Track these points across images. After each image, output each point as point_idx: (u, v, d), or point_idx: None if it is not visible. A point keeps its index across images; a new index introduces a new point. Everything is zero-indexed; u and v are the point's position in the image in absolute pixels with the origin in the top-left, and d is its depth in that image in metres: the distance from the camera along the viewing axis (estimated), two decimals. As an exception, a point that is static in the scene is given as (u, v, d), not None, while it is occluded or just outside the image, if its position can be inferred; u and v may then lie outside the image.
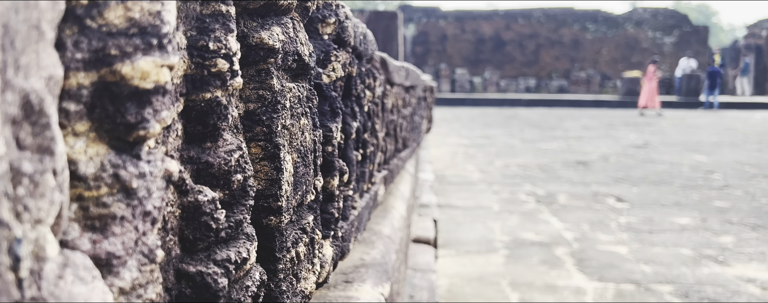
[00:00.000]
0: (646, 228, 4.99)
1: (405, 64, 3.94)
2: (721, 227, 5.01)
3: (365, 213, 1.90)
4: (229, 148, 0.66)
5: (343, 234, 1.37)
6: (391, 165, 2.91)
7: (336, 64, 1.24)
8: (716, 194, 6.50)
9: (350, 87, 1.52)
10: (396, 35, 11.86)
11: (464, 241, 4.61)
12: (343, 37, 1.33)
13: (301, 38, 0.96)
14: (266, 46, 0.80)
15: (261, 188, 0.84)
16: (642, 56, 36.01)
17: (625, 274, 3.77)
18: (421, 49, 36.68)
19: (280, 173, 0.84)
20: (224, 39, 0.63)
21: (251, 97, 0.81)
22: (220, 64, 0.62)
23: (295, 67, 0.96)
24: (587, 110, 24.89)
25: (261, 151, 0.83)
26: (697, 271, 3.82)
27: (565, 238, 4.67)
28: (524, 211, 5.68)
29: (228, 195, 0.66)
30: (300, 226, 0.96)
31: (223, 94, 0.64)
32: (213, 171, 0.63)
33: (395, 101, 2.96)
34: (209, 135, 0.64)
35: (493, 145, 11.56)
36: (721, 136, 13.33)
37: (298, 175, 0.94)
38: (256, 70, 0.81)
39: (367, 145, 1.81)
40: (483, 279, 3.73)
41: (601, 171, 8.20)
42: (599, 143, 11.80)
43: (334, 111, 1.23)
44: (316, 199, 1.08)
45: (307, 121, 0.99)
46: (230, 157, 0.65)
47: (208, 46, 0.62)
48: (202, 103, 0.62)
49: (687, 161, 9.19)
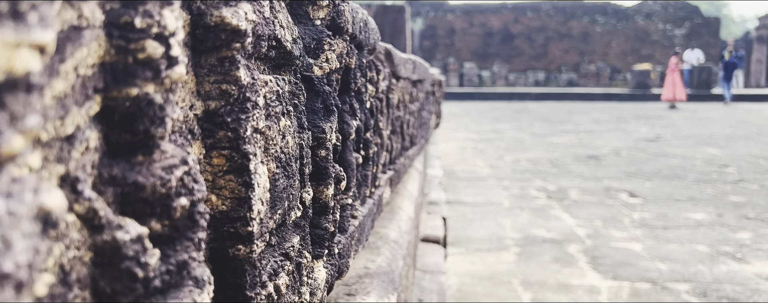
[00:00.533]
0: (661, 224, 4.88)
1: (412, 56, 3.77)
2: (737, 223, 4.88)
3: (368, 221, 1.73)
4: (170, 162, 0.48)
5: (341, 250, 1.20)
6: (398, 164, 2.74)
7: (330, 54, 1.07)
8: (731, 188, 6.37)
9: (349, 80, 1.35)
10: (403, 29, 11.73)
11: (474, 238, 4.50)
12: (340, 23, 1.16)
13: (281, 20, 0.78)
14: (229, 28, 0.62)
15: (226, 209, 0.67)
16: (652, 49, 35.78)
17: (640, 273, 3.66)
18: (429, 43, 36.53)
19: (249, 190, 0.66)
20: (157, 13, 0.45)
21: (212, 92, 0.64)
22: (151, 49, 0.45)
23: (274, 55, 0.79)
24: (597, 103, 24.78)
25: (225, 163, 0.65)
26: (715, 269, 3.71)
27: (577, 234, 4.57)
28: (535, 207, 5.57)
29: (168, 227, 0.48)
30: (282, 251, 0.78)
31: (158, 90, 0.46)
32: (145, 195, 0.46)
33: (401, 96, 2.77)
34: (140, 146, 0.46)
35: (503, 139, 11.44)
36: (734, 129, 13.17)
37: (278, 190, 0.77)
38: (218, 58, 0.64)
39: (370, 145, 1.63)
40: (494, 278, 3.63)
41: (613, 165, 8.07)
42: (610, 137, 11.66)
43: (328, 108, 1.06)
44: (305, 214, 0.90)
45: (289, 121, 0.82)
46: (170, 175, 0.48)
47: (134, 23, 0.44)
48: (127, 103, 0.45)
49: (700, 155, 9.06)
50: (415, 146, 3.87)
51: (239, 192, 0.65)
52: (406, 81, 3.05)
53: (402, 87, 2.79)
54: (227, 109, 0.65)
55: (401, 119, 2.79)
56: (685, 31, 35.77)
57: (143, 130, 0.46)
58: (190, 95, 0.61)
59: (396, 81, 2.56)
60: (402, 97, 2.81)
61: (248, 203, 0.65)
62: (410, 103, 3.34)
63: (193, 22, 0.62)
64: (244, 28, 0.64)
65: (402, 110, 2.81)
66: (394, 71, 2.47)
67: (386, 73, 2.10)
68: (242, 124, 0.66)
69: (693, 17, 36.05)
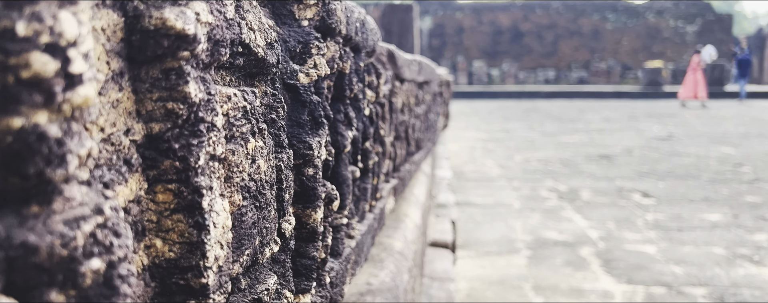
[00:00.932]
0: (675, 225, 4.77)
1: (417, 57, 3.65)
2: (754, 224, 4.75)
3: (367, 238, 1.59)
4: (76, 213, 0.36)
5: (334, 278, 1.07)
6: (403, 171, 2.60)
7: (318, 59, 0.94)
8: (747, 188, 6.24)
9: (343, 87, 1.23)
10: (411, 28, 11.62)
11: (484, 241, 4.41)
12: (330, 24, 1.03)
13: (251, 21, 0.67)
14: (173, 32, 0.51)
15: (174, 257, 0.54)
16: (663, 46, 35.56)
17: (654, 276, 3.56)
18: (438, 42, 36.44)
19: (203, 232, 0.54)
20: (51, 16, 0.33)
21: (155, 113, 0.52)
22: (39, 64, 0.32)
23: (243, 63, 0.67)
24: (608, 102, 24.66)
25: (172, 199, 0.53)
26: (732, 272, 3.61)
27: (590, 237, 4.47)
28: (546, 208, 5.47)
29: (76, 298, 0.37)
30: (254, 297, 0.65)
31: (54, 119, 0.34)
32: (39, 259, 0.34)
33: (406, 99, 2.64)
34: (34, 193, 0.35)
35: (513, 138, 11.34)
36: (747, 127, 13.01)
37: (246, 226, 0.65)
38: (162, 70, 0.52)
39: (369, 155, 1.49)
40: (504, 282, 3.55)
41: (625, 165, 7.95)
42: (622, 136, 11.53)
43: (317, 121, 0.94)
44: (285, 247, 0.77)
45: (262, 141, 0.71)
46: (75, 231, 0.35)
47: (16, 29, 0.33)
48: (9, 137, 0.33)
49: (714, 154, 8.92)
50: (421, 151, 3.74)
51: (190, 235, 0.53)
52: (411, 83, 2.92)
53: (406, 90, 2.66)
54: (175, 133, 0.53)
55: (406, 124, 2.66)
56: (696, 28, 35.49)
57: (36, 172, 0.34)
58: (127, 117, 0.50)
59: (400, 84, 2.43)
60: (407, 101, 2.67)
61: (201, 249, 0.54)
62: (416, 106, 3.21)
63: (128, 25, 0.51)
64: (192, 33, 0.53)
65: (407, 114, 2.67)
66: (397, 73, 2.34)
67: (388, 76, 1.97)
68: (193, 151, 0.54)
69: (705, 14, 35.78)
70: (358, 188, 1.44)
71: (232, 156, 0.63)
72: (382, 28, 10.94)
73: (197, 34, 0.54)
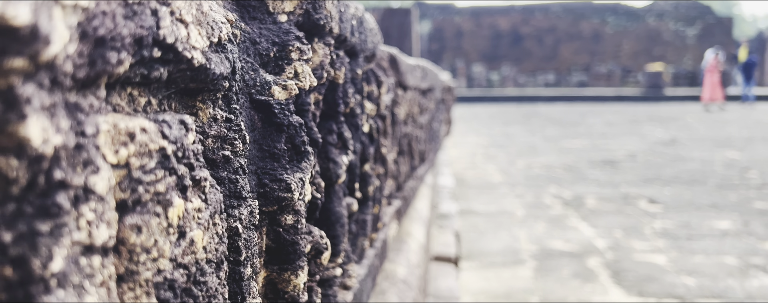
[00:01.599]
0: (684, 233, 4.65)
1: (421, 61, 3.51)
2: (765, 231, 4.63)
3: (368, 282, 1.38)
4: None
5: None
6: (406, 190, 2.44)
7: (300, 66, 0.75)
8: (755, 194, 6.13)
9: (336, 101, 1.03)
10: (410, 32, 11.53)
11: (488, 251, 4.30)
12: (318, 20, 0.84)
13: (179, 10, 0.48)
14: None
15: None
16: (664, 49, 35.51)
17: (666, 288, 3.45)
18: (437, 46, 36.39)
19: None
20: None
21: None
22: None
23: (168, 75, 0.48)
24: (609, 105, 24.61)
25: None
26: (746, 284, 3.50)
27: (597, 246, 4.36)
28: (551, 216, 5.36)
29: None
30: None
31: None
32: None
33: (409, 109, 2.46)
34: None
35: (514, 144, 11.25)
36: (751, 131, 12.93)
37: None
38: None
39: (369, 180, 1.33)
40: (510, 296, 3.45)
41: (630, 170, 7.86)
42: (625, 140, 11.45)
43: (298, 149, 0.73)
44: None
45: (198, 200, 0.51)
46: None
47: None
48: None
49: (719, 158, 8.83)
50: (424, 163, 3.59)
51: None
52: (414, 91, 2.77)
53: (410, 98, 2.51)
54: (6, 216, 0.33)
55: (409, 136, 2.50)
56: (697, 30, 35.45)
57: None
58: None
59: (403, 92, 2.29)
60: (410, 110, 2.51)
61: None
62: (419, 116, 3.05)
63: None
64: (26, 24, 0.32)
65: (410, 125, 2.51)
66: (400, 81, 2.20)
67: (391, 83, 1.82)
68: (40, 246, 0.33)
69: (705, 17, 35.75)
70: (356, 222, 1.28)
71: (136, 236, 0.43)
72: (381, 33, 10.83)
73: (45, 27, 0.33)
